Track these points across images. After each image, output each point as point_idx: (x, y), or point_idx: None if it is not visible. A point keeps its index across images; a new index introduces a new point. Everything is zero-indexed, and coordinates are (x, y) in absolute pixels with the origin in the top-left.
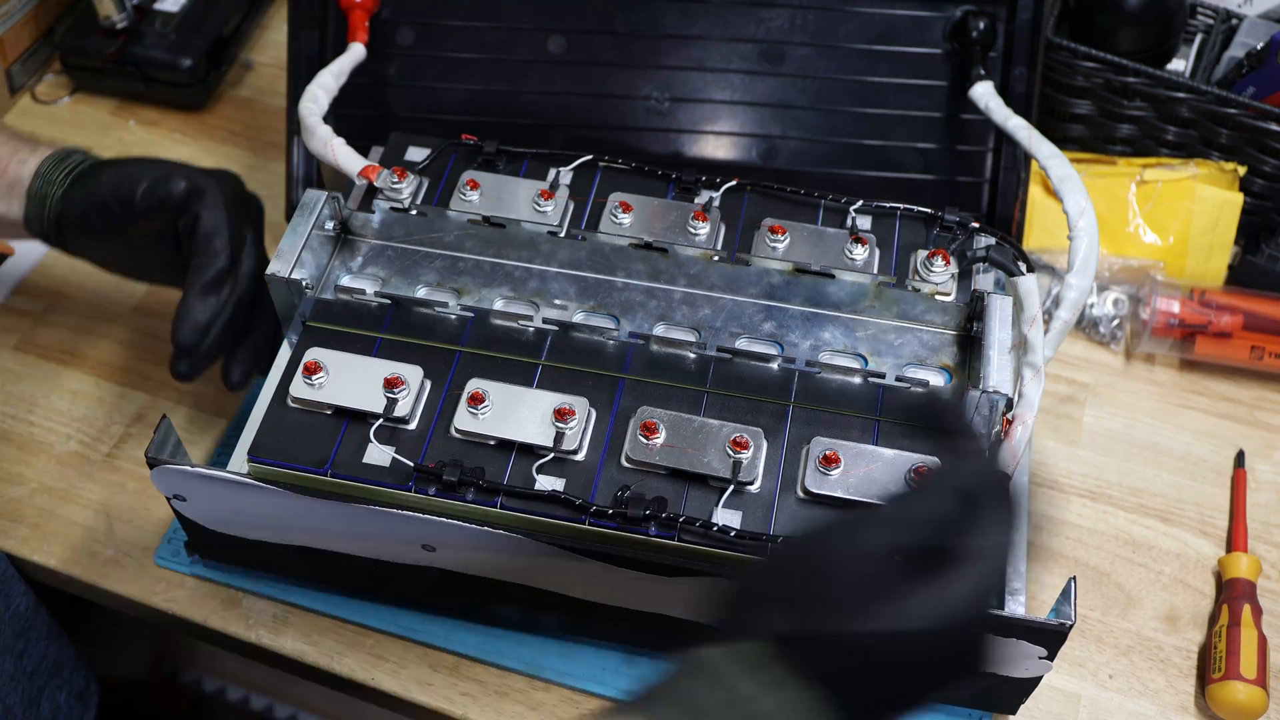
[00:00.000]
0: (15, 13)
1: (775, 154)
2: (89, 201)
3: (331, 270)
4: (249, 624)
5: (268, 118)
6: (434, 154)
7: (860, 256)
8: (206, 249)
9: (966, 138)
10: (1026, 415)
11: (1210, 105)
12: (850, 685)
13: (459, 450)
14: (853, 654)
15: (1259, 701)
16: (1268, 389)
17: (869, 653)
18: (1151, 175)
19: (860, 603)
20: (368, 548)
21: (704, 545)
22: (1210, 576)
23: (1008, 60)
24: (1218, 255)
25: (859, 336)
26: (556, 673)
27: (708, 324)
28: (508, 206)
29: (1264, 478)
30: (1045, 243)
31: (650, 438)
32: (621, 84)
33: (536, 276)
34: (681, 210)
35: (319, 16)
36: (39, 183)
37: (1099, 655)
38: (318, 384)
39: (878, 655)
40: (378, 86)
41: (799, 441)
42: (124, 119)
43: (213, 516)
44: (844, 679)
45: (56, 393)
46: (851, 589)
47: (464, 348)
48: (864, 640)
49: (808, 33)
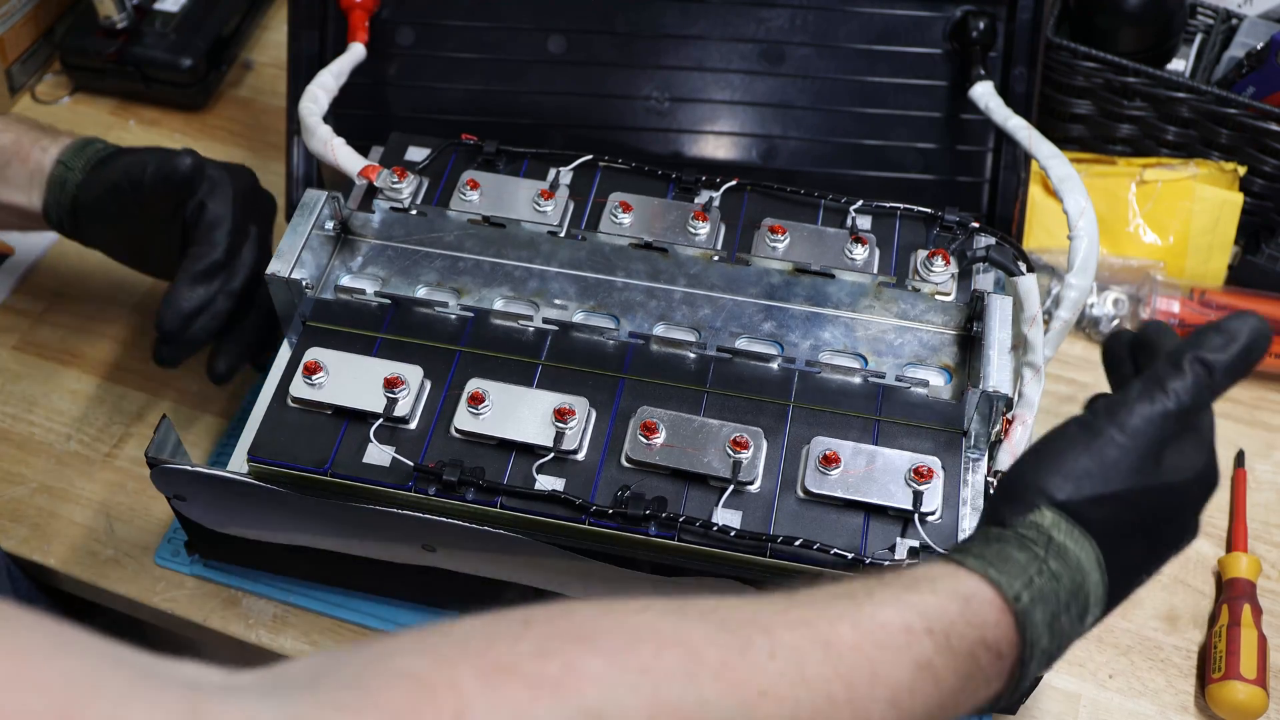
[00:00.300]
0: (15, 13)
1: (775, 154)
2: (103, 185)
3: (331, 270)
4: (249, 624)
5: (268, 118)
6: (434, 154)
7: (860, 256)
8: (206, 238)
9: (966, 138)
10: (1026, 415)
11: (1210, 105)
12: (1121, 539)
13: (459, 450)
14: (1126, 507)
15: (1259, 701)
16: (1268, 389)
17: (1137, 508)
18: (1151, 175)
19: (1136, 462)
20: (368, 548)
21: (704, 545)
22: (1210, 576)
23: (1008, 60)
24: (1218, 255)
25: (859, 336)
26: None
27: (708, 324)
28: (508, 206)
29: (1264, 478)
30: (1045, 243)
31: (650, 437)
32: (621, 84)
33: (536, 276)
34: (681, 210)
35: (319, 16)
36: (60, 169)
37: (1099, 655)
38: (318, 384)
39: (1145, 508)
40: (378, 86)
41: (799, 441)
42: (124, 119)
43: (213, 516)
44: (1117, 534)
45: (56, 393)
46: (1130, 451)
47: (464, 347)
48: (1136, 495)
49: (808, 33)
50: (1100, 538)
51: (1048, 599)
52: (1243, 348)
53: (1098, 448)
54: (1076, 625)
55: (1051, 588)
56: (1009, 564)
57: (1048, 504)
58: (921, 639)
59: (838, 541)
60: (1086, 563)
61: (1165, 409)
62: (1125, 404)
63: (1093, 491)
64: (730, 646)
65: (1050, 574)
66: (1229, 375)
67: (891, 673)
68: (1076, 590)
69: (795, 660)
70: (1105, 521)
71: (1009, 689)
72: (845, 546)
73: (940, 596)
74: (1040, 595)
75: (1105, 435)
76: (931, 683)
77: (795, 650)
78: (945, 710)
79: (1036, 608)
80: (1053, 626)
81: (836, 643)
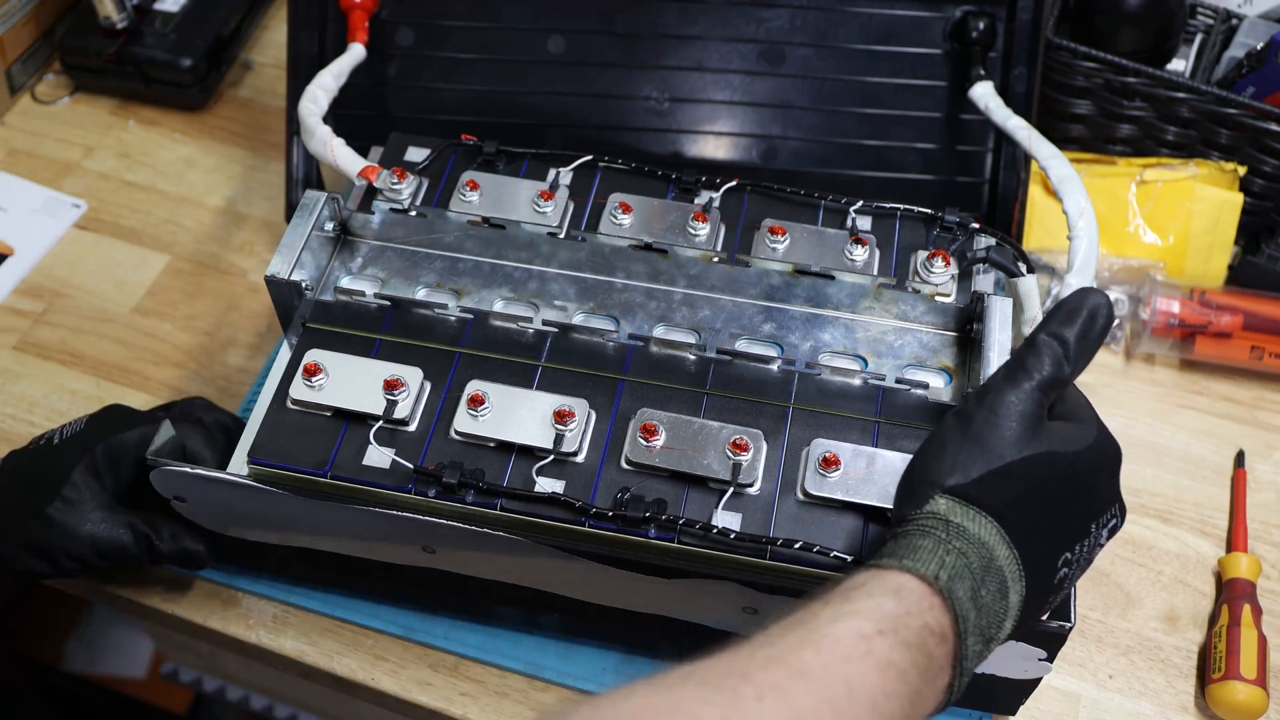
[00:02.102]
0: (15, 13)
1: (775, 154)
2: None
3: (331, 271)
4: (249, 624)
5: (268, 118)
6: (434, 154)
7: (860, 257)
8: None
9: (966, 138)
10: None
11: (1210, 105)
12: (1018, 513)
13: (459, 452)
14: (1013, 480)
15: (1259, 701)
16: (1268, 389)
17: (1026, 479)
18: (1151, 175)
19: (1012, 437)
20: (367, 549)
21: (704, 547)
22: (1210, 576)
23: (1008, 60)
24: (1218, 255)
25: (859, 338)
26: (556, 673)
27: (708, 325)
28: (507, 207)
29: (1264, 478)
30: (1045, 243)
31: (650, 439)
32: (621, 84)
33: (536, 277)
34: (681, 211)
35: (319, 16)
36: None
37: (1099, 655)
38: (317, 386)
39: (1036, 479)
40: (378, 86)
41: (799, 443)
42: (124, 119)
43: (213, 517)
44: (1012, 507)
45: (56, 393)
46: (1004, 428)
47: (464, 349)
48: (1019, 465)
49: (808, 33)
50: (997, 514)
51: (963, 575)
52: (1084, 318)
53: (974, 432)
54: (1000, 600)
55: (963, 563)
56: (919, 552)
57: (939, 492)
58: (876, 641)
59: (838, 544)
60: (989, 539)
61: (1027, 384)
62: (992, 388)
63: (978, 472)
64: (721, 701)
65: (957, 551)
66: (1081, 346)
67: (864, 682)
68: (988, 565)
69: (781, 697)
70: (995, 496)
71: (956, 677)
72: (845, 549)
73: (875, 598)
74: (956, 572)
75: (979, 419)
76: (899, 681)
77: (777, 688)
78: (916, 709)
79: (956, 584)
80: (977, 602)
81: (807, 669)
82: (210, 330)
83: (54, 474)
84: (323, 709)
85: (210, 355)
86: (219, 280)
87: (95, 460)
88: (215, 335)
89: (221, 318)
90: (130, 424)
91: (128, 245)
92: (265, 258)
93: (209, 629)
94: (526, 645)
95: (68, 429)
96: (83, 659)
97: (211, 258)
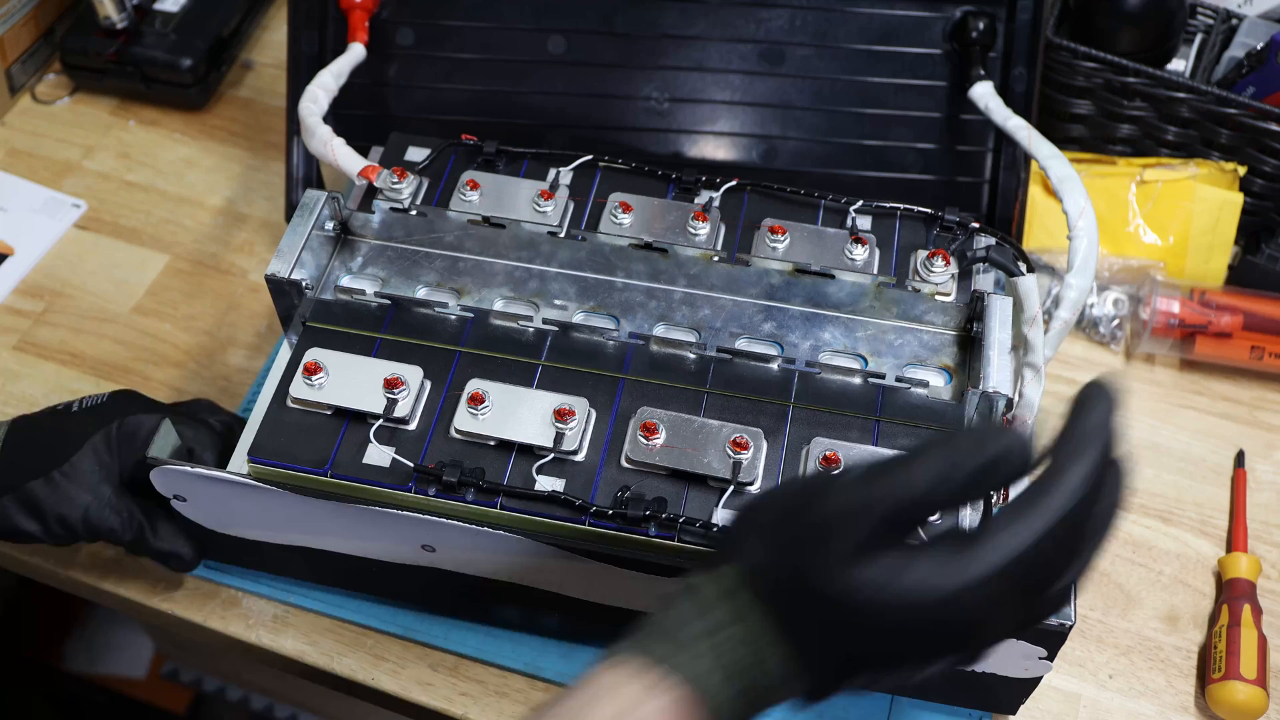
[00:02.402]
0: (15, 13)
1: (775, 154)
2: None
3: (331, 270)
4: (249, 624)
5: (268, 118)
6: (434, 154)
7: (860, 257)
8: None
9: (966, 138)
10: (1026, 416)
11: (1210, 105)
12: (808, 634)
13: (459, 451)
14: (817, 605)
15: (1259, 701)
16: (1268, 389)
17: (838, 609)
18: (1151, 175)
19: (841, 557)
20: (368, 548)
21: (704, 546)
22: (1210, 576)
23: (1008, 60)
24: (1218, 255)
25: (859, 337)
26: (556, 673)
27: (708, 324)
28: (508, 206)
29: (1264, 478)
30: (1045, 243)
31: (650, 438)
32: (621, 84)
33: (536, 277)
34: (681, 210)
35: (319, 16)
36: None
37: (1099, 655)
38: (318, 384)
39: (850, 616)
40: (378, 86)
41: (799, 442)
42: (124, 119)
43: (213, 516)
44: (803, 626)
45: (56, 393)
46: (838, 540)
47: (464, 348)
48: (831, 596)
49: (807, 33)
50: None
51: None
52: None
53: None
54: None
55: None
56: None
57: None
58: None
59: None
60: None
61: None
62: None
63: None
64: None
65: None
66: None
67: None
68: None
69: None
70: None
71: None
72: None
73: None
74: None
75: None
76: None
77: None
78: None
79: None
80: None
81: None
82: (210, 330)
83: (67, 440)
84: (323, 709)
85: (210, 355)
86: (219, 280)
87: (110, 435)
88: (215, 335)
89: (221, 317)
90: (150, 410)
91: (128, 245)
92: (265, 257)
93: (209, 629)
94: (526, 645)
95: (88, 400)
96: (83, 659)
97: (211, 258)
